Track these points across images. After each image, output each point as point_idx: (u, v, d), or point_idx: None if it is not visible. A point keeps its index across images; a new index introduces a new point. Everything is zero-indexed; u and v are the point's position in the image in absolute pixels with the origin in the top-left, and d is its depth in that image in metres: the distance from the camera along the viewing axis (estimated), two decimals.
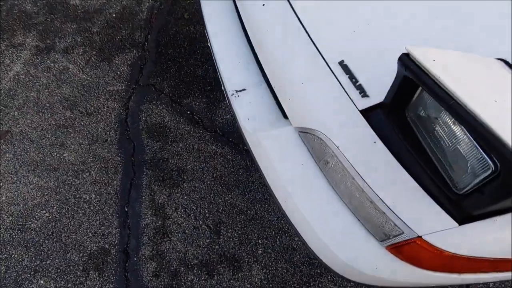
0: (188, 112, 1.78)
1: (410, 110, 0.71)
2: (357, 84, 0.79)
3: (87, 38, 2.02)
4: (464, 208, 0.66)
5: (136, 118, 1.78)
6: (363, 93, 0.77)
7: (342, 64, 0.81)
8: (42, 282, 1.46)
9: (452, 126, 0.63)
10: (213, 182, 1.61)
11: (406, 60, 0.58)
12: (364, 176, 0.75)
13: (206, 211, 1.55)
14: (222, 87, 1.14)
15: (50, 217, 1.57)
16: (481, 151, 0.58)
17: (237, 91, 1.04)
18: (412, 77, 0.59)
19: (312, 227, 0.81)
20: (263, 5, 0.98)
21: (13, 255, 1.50)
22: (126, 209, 1.57)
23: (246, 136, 0.98)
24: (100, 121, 1.78)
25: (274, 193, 0.89)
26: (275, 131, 0.91)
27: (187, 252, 1.48)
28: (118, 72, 1.91)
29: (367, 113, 0.76)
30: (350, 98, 0.78)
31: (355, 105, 0.77)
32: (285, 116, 0.95)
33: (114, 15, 2.09)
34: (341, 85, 0.80)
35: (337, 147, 0.78)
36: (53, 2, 2.16)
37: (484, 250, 0.71)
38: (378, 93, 0.76)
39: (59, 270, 1.47)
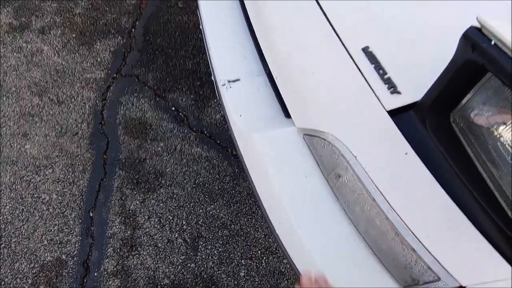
0: (173, 108, 1.58)
1: (458, 114, 0.53)
2: (385, 77, 0.60)
3: (68, 19, 1.81)
4: None
5: (114, 111, 1.57)
6: (392, 88, 0.59)
7: (366, 51, 0.63)
8: None
9: None
10: (195, 189, 1.40)
11: (475, 36, 0.40)
12: (389, 198, 0.56)
13: (184, 222, 1.34)
14: (212, 77, 0.95)
15: (0, 217, 1.34)
16: None
17: (229, 81, 0.85)
18: (482, 60, 0.41)
19: (314, 260, 0.62)
20: None
21: None
22: (91, 215, 1.35)
23: (236, 136, 0.79)
24: (72, 111, 1.56)
25: (267, 212, 0.70)
26: (273, 132, 0.72)
27: (157, 269, 1.26)
28: (99, 59, 1.71)
29: (397, 115, 0.58)
30: (375, 94, 0.60)
31: (381, 104, 0.59)
32: (287, 115, 0.76)
33: None
34: (364, 77, 0.62)
35: (355, 157, 0.60)
36: None
37: None
38: (412, 89, 0.58)
39: (3, 283, 1.24)
